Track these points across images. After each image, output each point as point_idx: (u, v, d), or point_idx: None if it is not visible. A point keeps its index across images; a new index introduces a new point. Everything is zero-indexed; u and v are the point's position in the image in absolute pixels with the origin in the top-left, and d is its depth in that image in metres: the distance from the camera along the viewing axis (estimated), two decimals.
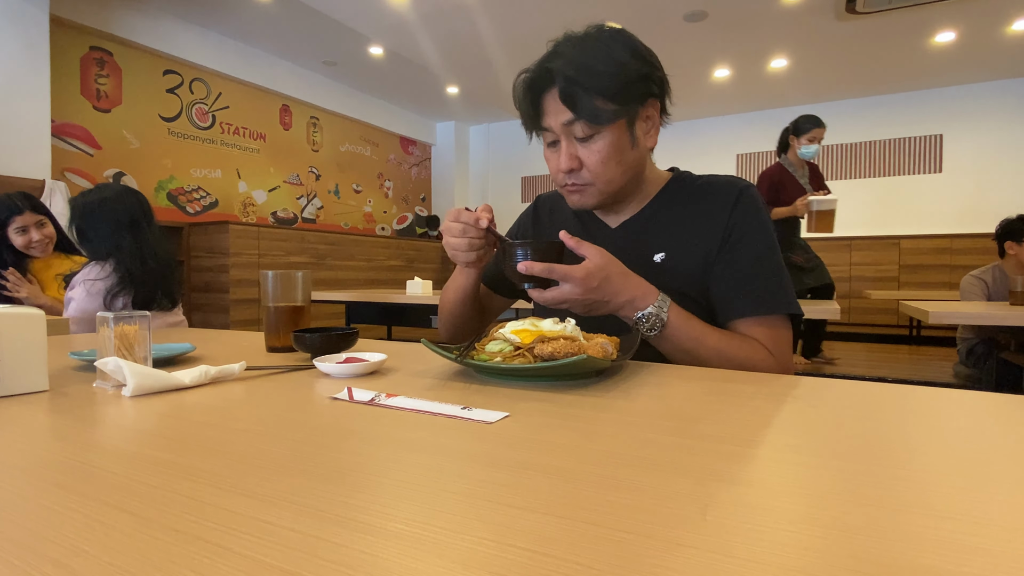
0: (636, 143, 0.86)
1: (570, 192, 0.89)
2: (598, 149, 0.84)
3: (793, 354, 0.87)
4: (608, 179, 0.86)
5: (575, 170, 0.86)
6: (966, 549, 0.26)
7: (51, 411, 0.54)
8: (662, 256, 0.89)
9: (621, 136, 0.84)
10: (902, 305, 2.53)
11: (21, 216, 2.05)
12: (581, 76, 0.80)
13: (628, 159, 0.86)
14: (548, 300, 0.76)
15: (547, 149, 0.90)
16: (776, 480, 0.36)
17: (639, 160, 0.89)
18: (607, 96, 0.80)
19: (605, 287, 0.76)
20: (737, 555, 0.25)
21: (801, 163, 3.37)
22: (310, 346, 0.81)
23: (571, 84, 0.80)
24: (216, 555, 0.26)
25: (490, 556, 0.25)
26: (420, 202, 8.08)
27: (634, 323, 0.79)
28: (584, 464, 0.38)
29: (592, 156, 0.84)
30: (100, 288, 1.59)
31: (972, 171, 5.97)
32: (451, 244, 0.86)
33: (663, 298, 0.79)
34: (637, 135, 0.86)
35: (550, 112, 0.85)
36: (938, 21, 4.50)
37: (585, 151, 0.84)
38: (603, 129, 0.82)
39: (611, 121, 0.82)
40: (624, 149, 0.85)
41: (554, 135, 0.86)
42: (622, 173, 0.87)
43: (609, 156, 0.84)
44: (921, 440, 0.44)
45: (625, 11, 4.36)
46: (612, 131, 0.83)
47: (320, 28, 5.04)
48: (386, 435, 0.45)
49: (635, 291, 0.78)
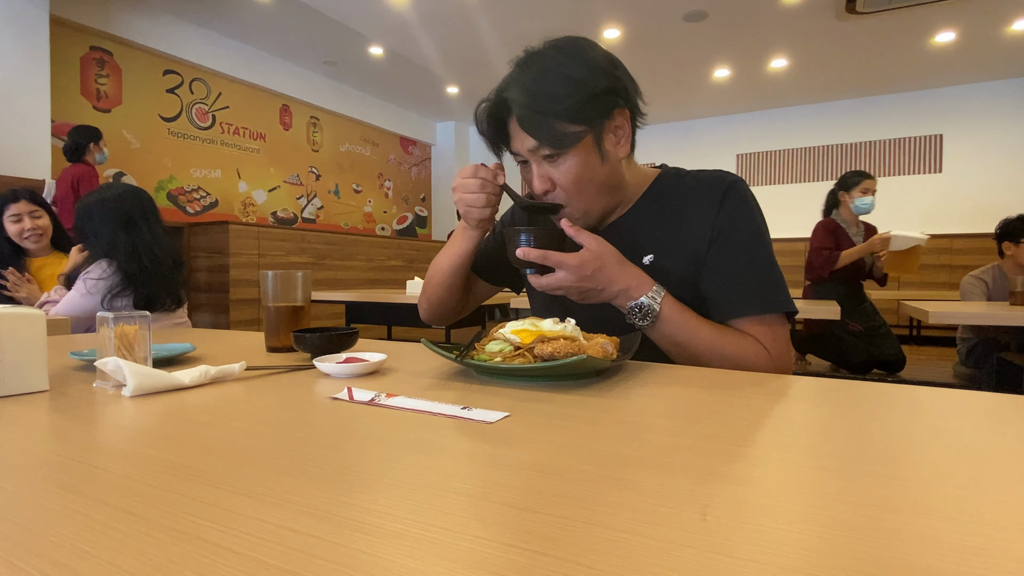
0: (606, 157, 0.84)
1: None
2: (567, 169, 0.82)
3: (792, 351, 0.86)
4: (584, 197, 0.85)
5: (549, 191, 0.85)
6: (966, 549, 0.26)
7: (51, 411, 0.54)
8: (651, 258, 0.88)
9: (589, 154, 0.82)
10: (902, 305, 2.54)
11: (16, 204, 2.06)
12: (536, 102, 0.78)
13: (599, 175, 0.84)
14: (544, 286, 0.78)
15: (521, 167, 0.89)
16: (776, 480, 0.36)
17: (612, 173, 0.86)
18: (567, 118, 0.78)
19: (599, 275, 0.77)
20: (737, 555, 0.25)
21: (855, 220, 3.14)
22: (310, 346, 0.81)
23: (528, 111, 0.79)
24: (216, 555, 0.26)
25: (490, 556, 0.25)
26: (420, 202, 8.08)
27: (627, 313, 0.79)
28: (584, 464, 0.38)
29: (564, 177, 0.83)
30: (101, 287, 1.59)
31: (972, 171, 5.97)
32: (467, 200, 0.86)
33: (657, 289, 0.79)
34: (606, 149, 0.84)
35: (515, 137, 0.84)
36: (938, 21, 4.50)
37: (556, 172, 0.83)
38: (568, 151, 0.81)
39: (575, 143, 0.80)
40: (594, 166, 0.83)
41: (523, 158, 0.86)
42: (596, 190, 0.85)
43: (580, 175, 0.83)
44: (921, 440, 0.44)
45: (625, 11, 4.36)
46: (579, 151, 0.81)
47: (320, 28, 5.04)
48: (386, 435, 0.45)
49: (630, 280, 0.79)
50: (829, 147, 6.56)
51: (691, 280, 0.86)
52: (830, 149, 6.56)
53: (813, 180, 6.64)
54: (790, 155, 6.77)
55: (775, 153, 6.83)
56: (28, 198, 2.10)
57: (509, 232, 0.79)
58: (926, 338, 5.23)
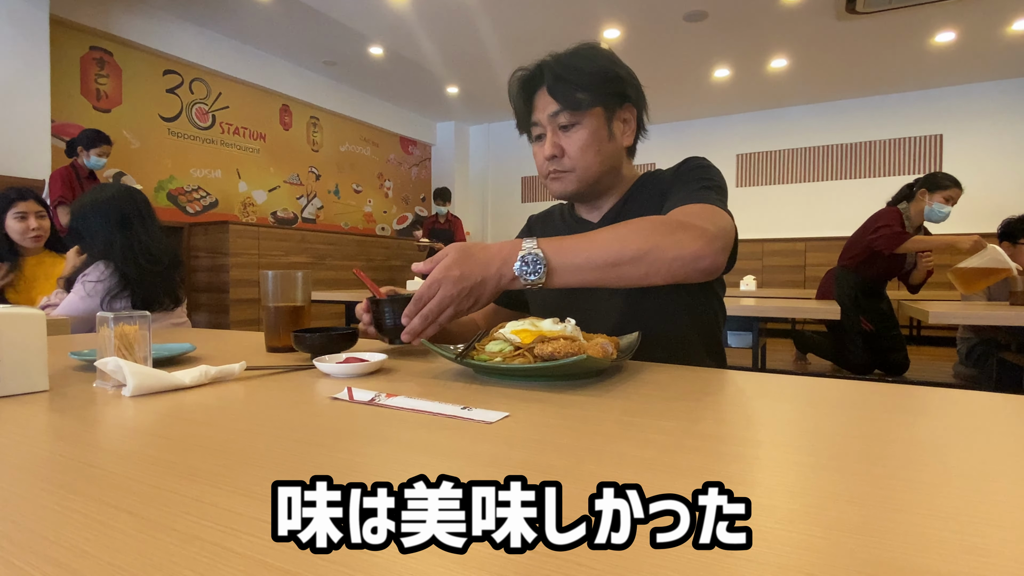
0: (613, 137, 0.96)
1: (552, 180, 0.97)
2: (579, 137, 0.93)
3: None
4: (586, 166, 0.94)
5: (557, 157, 0.94)
6: (966, 549, 0.26)
7: (51, 411, 0.54)
8: None
9: (599, 128, 0.94)
10: (902, 305, 2.54)
11: (24, 202, 2.08)
12: (566, 72, 0.92)
13: (605, 150, 0.95)
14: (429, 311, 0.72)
15: (535, 144, 0.99)
16: (776, 480, 0.36)
17: (615, 153, 0.97)
18: (586, 89, 0.92)
19: (468, 268, 0.72)
20: (737, 555, 0.25)
21: (920, 222, 2.95)
22: (310, 346, 0.81)
23: (557, 79, 0.92)
24: (216, 555, 0.26)
25: (490, 556, 0.25)
26: (420, 202, 8.08)
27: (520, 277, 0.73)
28: (584, 464, 0.38)
29: (573, 144, 0.93)
30: (100, 290, 1.59)
31: (972, 171, 5.96)
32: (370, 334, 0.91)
33: (529, 240, 0.74)
34: (614, 131, 0.96)
35: (539, 107, 0.95)
36: (938, 21, 4.50)
37: (567, 140, 0.94)
38: (583, 118, 0.92)
39: (589, 107, 0.92)
40: (602, 140, 0.94)
41: (541, 128, 0.96)
42: (599, 162, 0.95)
43: (588, 144, 0.93)
44: (921, 440, 0.44)
45: (625, 11, 4.36)
46: (591, 121, 0.93)
47: (320, 28, 5.04)
48: (386, 435, 0.45)
49: (500, 252, 0.74)
50: (829, 147, 6.56)
51: None
52: (830, 149, 6.56)
53: (813, 180, 6.64)
54: (790, 155, 6.77)
55: (775, 153, 6.83)
56: (35, 198, 2.12)
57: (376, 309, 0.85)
58: (926, 338, 5.23)
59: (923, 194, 2.89)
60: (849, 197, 6.42)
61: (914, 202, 2.92)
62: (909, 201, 2.95)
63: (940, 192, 2.84)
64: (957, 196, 2.85)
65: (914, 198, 2.93)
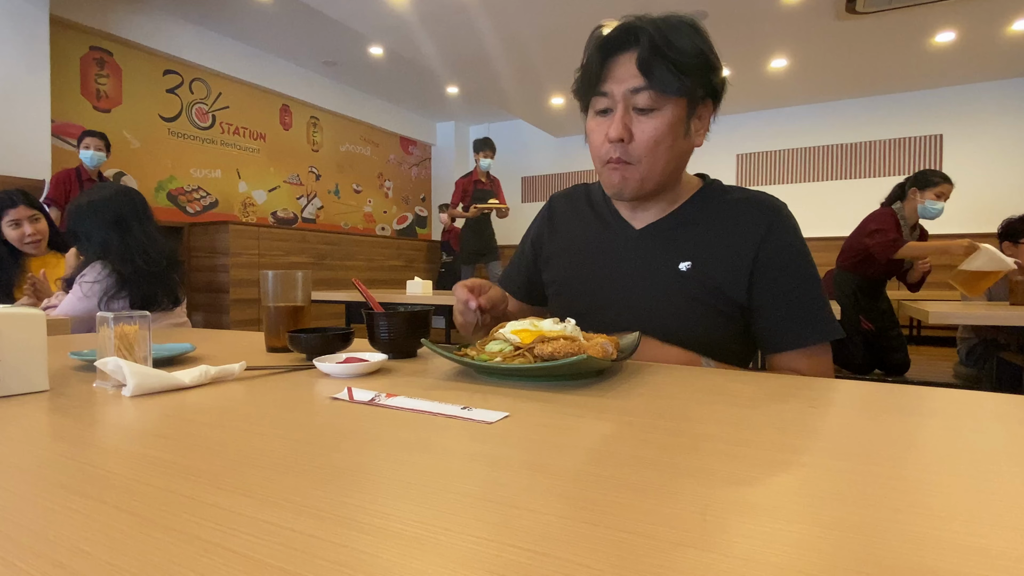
0: (688, 134, 0.84)
1: (612, 169, 0.85)
2: (655, 126, 0.81)
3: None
4: (653, 161, 0.83)
5: (624, 141, 0.82)
6: (966, 549, 0.26)
7: (51, 411, 0.54)
8: (688, 265, 0.86)
9: (678, 120, 0.82)
10: (902, 305, 2.54)
11: (15, 209, 2.06)
12: (664, 45, 0.78)
13: (677, 148, 0.84)
14: None
15: (593, 119, 0.86)
16: (776, 480, 0.36)
17: (685, 154, 0.87)
18: (683, 71, 0.79)
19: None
20: (737, 555, 0.25)
21: (915, 220, 2.98)
22: (305, 346, 0.81)
23: (655, 51, 0.78)
24: (216, 555, 0.26)
25: (490, 556, 0.25)
26: (420, 202, 8.08)
27: None
28: (584, 464, 0.38)
29: (647, 132, 0.81)
30: (97, 290, 1.59)
31: (972, 171, 5.97)
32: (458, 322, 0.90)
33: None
34: (691, 127, 0.84)
35: (615, 77, 0.82)
36: (938, 21, 4.49)
37: (640, 125, 0.82)
38: (666, 105, 0.81)
39: (678, 94, 0.80)
40: (677, 135, 0.83)
41: (609, 102, 0.83)
42: (667, 161, 0.84)
43: (663, 136, 0.81)
44: (921, 440, 0.44)
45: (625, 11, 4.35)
46: (673, 110, 0.81)
47: (320, 28, 5.04)
48: (386, 435, 0.45)
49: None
50: (829, 147, 6.56)
51: (725, 291, 0.85)
52: (830, 149, 6.55)
53: (813, 180, 6.64)
54: (790, 155, 6.76)
55: (775, 153, 6.83)
56: (25, 202, 2.09)
57: (369, 320, 0.84)
58: (926, 338, 5.23)
59: (914, 193, 2.92)
60: (849, 197, 6.42)
61: (907, 201, 2.95)
62: (902, 200, 2.98)
63: (931, 189, 2.87)
64: (948, 191, 2.88)
65: (906, 197, 2.96)
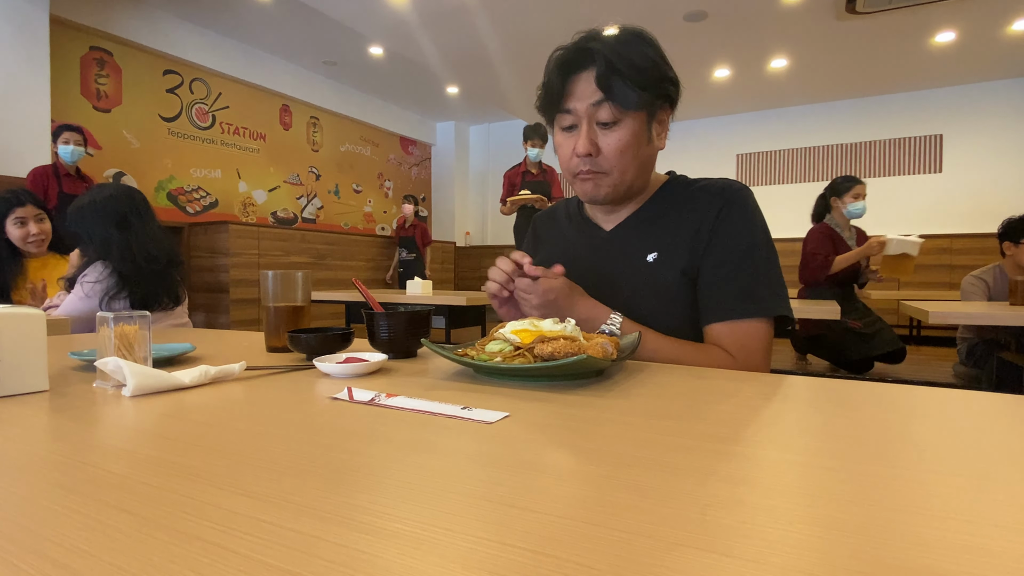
0: (651, 140, 0.89)
1: (583, 180, 0.89)
2: (618, 137, 0.85)
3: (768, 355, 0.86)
4: (623, 169, 0.87)
5: (591, 156, 0.86)
6: (966, 549, 0.26)
7: (51, 411, 0.54)
8: (654, 256, 0.90)
9: (640, 129, 0.86)
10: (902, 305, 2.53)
11: (23, 208, 2.07)
12: (619, 62, 0.82)
13: (642, 154, 0.88)
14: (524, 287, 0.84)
15: (560, 134, 0.90)
16: (776, 480, 0.36)
17: (650, 158, 0.91)
18: (639, 85, 0.83)
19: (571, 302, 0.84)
20: (737, 555, 0.25)
21: (847, 224, 3.20)
22: (305, 347, 0.81)
23: (611, 69, 0.82)
24: (216, 555, 0.26)
25: (490, 556, 0.25)
26: (420, 202, 8.08)
27: None
28: (584, 464, 0.38)
29: (612, 144, 0.86)
30: (98, 290, 1.59)
31: (972, 171, 5.97)
32: (491, 289, 0.90)
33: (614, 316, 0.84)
34: (652, 133, 0.88)
35: (576, 94, 0.86)
36: (938, 21, 4.50)
37: (605, 138, 0.86)
38: (626, 117, 0.85)
39: (637, 108, 0.84)
40: (641, 143, 0.87)
41: (573, 118, 0.87)
42: (636, 167, 0.88)
43: (628, 146, 0.86)
44: (921, 440, 0.44)
45: (625, 11, 4.36)
46: (634, 121, 0.85)
47: (320, 28, 5.04)
48: (386, 435, 0.45)
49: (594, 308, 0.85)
50: (829, 147, 6.56)
51: (689, 281, 0.88)
52: (830, 149, 6.56)
53: (813, 180, 6.64)
54: (790, 155, 6.77)
55: (775, 153, 6.83)
56: (33, 202, 2.10)
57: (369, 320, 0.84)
58: (926, 338, 5.24)
59: (835, 201, 3.16)
60: None
61: (834, 211, 3.19)
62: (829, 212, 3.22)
63: (846, 194, 3.11)
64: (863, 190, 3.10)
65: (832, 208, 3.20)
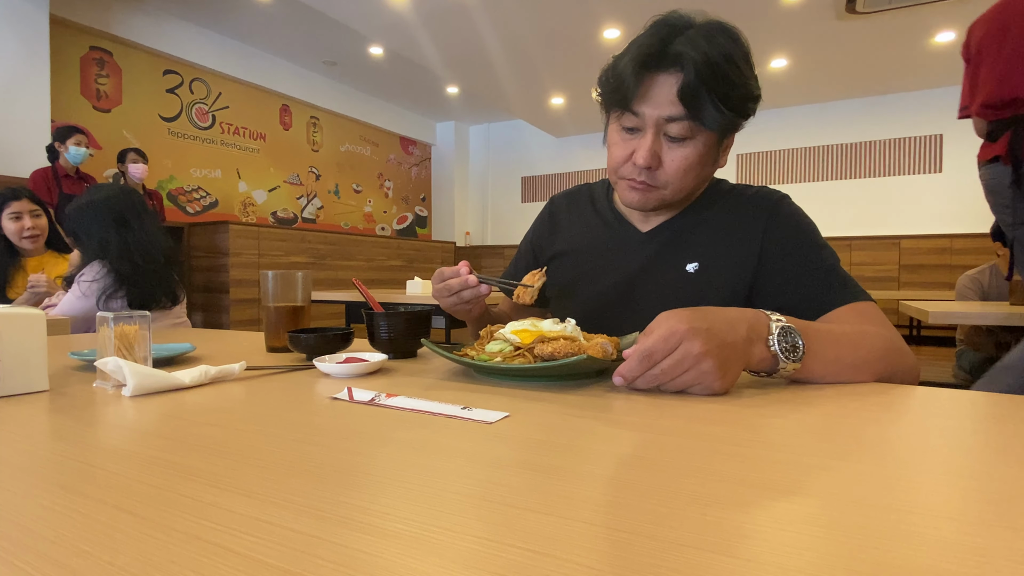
0: (716, 161, 0.83)
1: (632, 188, 0.82)
2: (685, 155, 0.77)
3: None
4: (681, 187, 0.81)
5: (652, 168, 0.79)
6: (966, 549, 0.26)
7: (51, 411, 0.54)
8: (695, 266, 0.85)
9: (710, 149, 0.79)
10: (902, 305, 2.53)
11: (18, 202, 2.07)
12: (709, 75, 0.72)
13: (704, 174, 0.82)
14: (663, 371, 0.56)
15: (618, 132, 0.81)
16: (776, 480, 0.36)
17: (710, 177, 0.87)
18: (726, 105, 0.74)
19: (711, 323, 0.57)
20: (737, 555, 0.25)
21: None
22: (305, 347, 0.81)
23: (701, 81, 0.72)
24: (216, 555, 0.26)
25: (490, 556, 0.25)
26: (420, 202, 8.08)
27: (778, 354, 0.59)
28: (584, 464, 0.38)
29: (676, 161, 0.78)
30: (95, 289, 1.59)
31: (972, 171, 5.94)
32: (447, 307, 0.88)
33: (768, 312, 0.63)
34: (719, 153, 0.83)
35: (651, 99, 0.75)
36: (938, 21, 4.50)
37: (671, 153, 0.78)
38: (700, 134, 0.77)
39: (715, 130, 0.76)
40: (705, 163, 0.80)
41: (639, 122, 0.77)
42: (693, 183, 0.82)
43: (693, 165, 0.78)
44: (921, 440, 0.44)
45: (625, 11, 4.36)
46: (705, 139, 0.78)
47: (320, 28, 5.04)
48: (386, 435, 0.45)
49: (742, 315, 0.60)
50: (829, 147, 6.56)
51: (733, 290, 0.83)
52: (830, 149, 6.56)
53: (813, 180, 6.64)
54: (790, 155, 6.77)
55: (775, 153, 6.83)
56: (29, 197, 2.11)
57: (369, 321, 0.82)
58: (926, 338, 5.23)
59: None
60: (849, 197, 6.42)
61: None
62: None
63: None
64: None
65: None
